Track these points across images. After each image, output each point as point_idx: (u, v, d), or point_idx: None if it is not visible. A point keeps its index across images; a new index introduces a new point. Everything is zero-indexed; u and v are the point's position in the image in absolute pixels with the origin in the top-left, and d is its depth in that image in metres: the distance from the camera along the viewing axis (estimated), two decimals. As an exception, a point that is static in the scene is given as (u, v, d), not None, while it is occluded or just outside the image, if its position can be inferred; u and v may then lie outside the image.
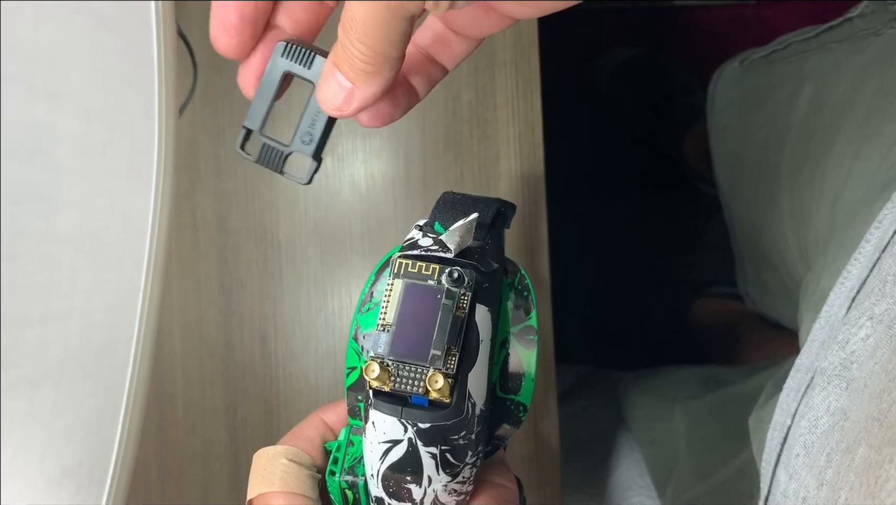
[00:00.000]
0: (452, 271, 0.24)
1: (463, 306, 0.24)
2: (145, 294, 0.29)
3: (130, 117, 0.27)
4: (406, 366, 0.23)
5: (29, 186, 0.23)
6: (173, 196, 0.30)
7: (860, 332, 0.32)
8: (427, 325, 0.23)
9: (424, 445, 0.24)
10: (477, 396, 0.24)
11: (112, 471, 0.28)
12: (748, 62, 0.64)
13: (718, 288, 1.02)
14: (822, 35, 0.55)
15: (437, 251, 0.25)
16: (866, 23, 0.51)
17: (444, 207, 0.28)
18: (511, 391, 0.28)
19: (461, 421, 0.24)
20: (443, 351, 0.23)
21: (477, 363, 0.24)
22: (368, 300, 0.28)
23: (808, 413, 0.33)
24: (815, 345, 0.37)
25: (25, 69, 0.22)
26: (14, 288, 0.22)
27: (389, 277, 0.24)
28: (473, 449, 0.25)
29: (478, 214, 0.26)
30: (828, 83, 0.51)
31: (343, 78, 0.22)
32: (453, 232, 0.25)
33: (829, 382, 0.32)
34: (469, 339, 0.24)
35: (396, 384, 0.23)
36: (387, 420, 0.24)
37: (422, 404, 0.24)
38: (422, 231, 0.27)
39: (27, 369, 0.23)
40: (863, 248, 0.36)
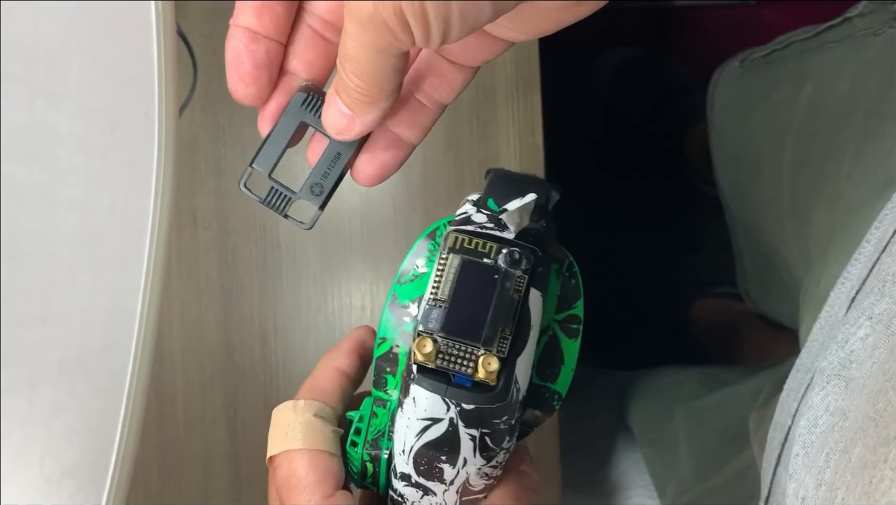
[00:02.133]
0: (513, 252, 0.23)
1: (519, 289, 0.23)
2: (145, 294, 0.29)
3: (130, 117, 0.27)
4: (458, 344, 0.23)
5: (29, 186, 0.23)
6: (173, 196, 0.30)
7: (859, 331, 0.32)
8: (482, 304, 0.23)
9: (466, 426, 0.23)
10: (522, 382, 0.24)
11: (112, 471, 0.28)
12: (748, 62, 0.64)
13: (718, 288, 1.02)
14: (821, 35, 0.55)
15: (494, 229, 0.24)
16: (866, 22, 0.51)
17: (497, 185, 0.27)
18: (548, 379, 0.27)
19: (505, 406, 0.23)
20: (496, 332, 0.23)
21: (526, 348, 0.24)
22: (410, 271, 0.28)
23: (808, 413, 0.33)
24: (815, 345, 0.37)
25: (25, 69, 0.22)
26: (14, 288, 0.22)
27: (444, 251, 0.24)
28: (511, 434, 0.25)
29: (536, 196, 0.25)
30: (828, 83, 0.51)
31: (343, 105, 0.23)
32: (513, 212, 0.24)
33: (828, 381, 0.32)
34: (521, 323, 0.24)
35: (443, 361, 0.23)
36: (430, 397, 0.23)
37: (465, 384, 0.23)
38: (476, 206, 0.26)
39: (27, 369, 0.23)
40: (863, 249, 0.36)
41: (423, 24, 0.19)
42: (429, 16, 0.19)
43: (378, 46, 0.20)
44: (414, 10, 0.19)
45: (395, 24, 0.19)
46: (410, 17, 0.19)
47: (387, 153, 0.26)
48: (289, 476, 0.26)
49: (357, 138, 0.24)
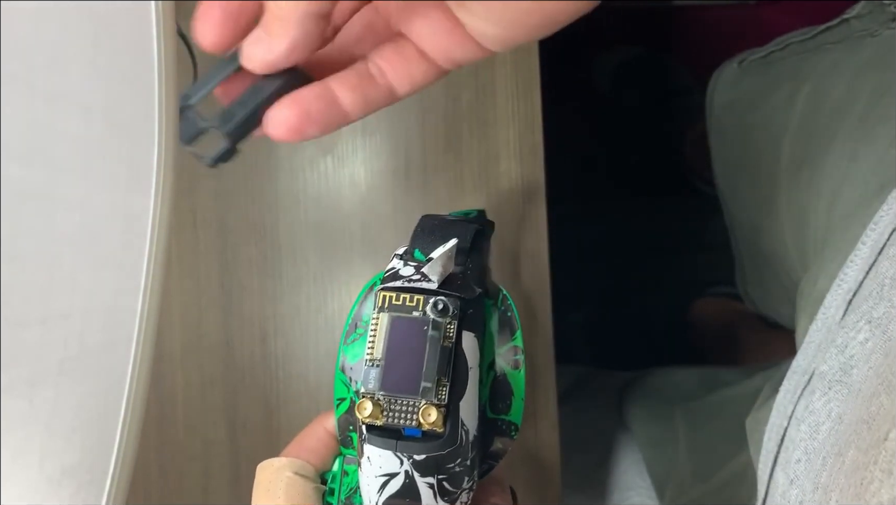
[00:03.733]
0: (437, 302, 0.24)
1: (450, 336, 0.24)
2: (145, 294, 0.29)
3: (130, 117, 0.27)
4: (398, 400, 0.23)
5: (29, 186, 0.23)
6: (173, 196, 0.30)
7: (859, 335, 0.32)
8: (416, 357, 0.24)
9: (421, 475, 0.24)
10: (469, 423, 0.25)
11: (112, 471, 0.28)
12: (746, 63, 0.64)
13: (718, 288, 1.02)
14: (819, 36, 0.55)
15: (420, 281, 0.25)
16: (863, 24, 0.51)
17: (422, 234, 0.28)
18: (502, 411, 0.28)
19: (456, 449, 0.24)
20: (433, 382, 0.23)
21: (468, 391, 0.24)
22: (353, 330, 0.28)
23: (809, 418, 0.33)
24: (811, 347, 0.37)
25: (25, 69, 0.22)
26: (14, 288, 0.22)
27: (374, 311, 0.24)
28: (469, 474, 0.25)
29: (457, 240, 0.26)
30: (825, 84, 0.51)
31: (261, 31, 0.22)
32: (435, 262, 0.25)
33: (829, 386, 0.32)
34: (458, 367, 0.24)
35: (389, 418, 0.23)
36: (382, 454, 0.24)
37: (415, 435, 0.24)
38: (402, 260, 0.26)
39: (27, 369, 0.23)
40: (859, 251, 0.36)
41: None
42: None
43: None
44: None
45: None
46: None
47: (314, 103, 0.24)
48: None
49: (266, 69, 0.23)
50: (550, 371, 0.49)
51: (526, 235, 0.49)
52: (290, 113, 0.24)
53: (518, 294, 0.49)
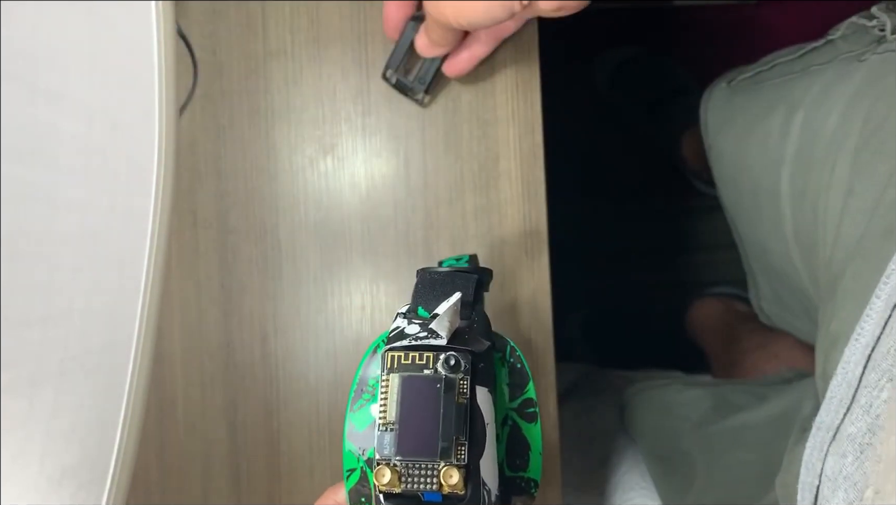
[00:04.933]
0: (448, 358, 0.23)
1: (464, 392, 0.23)
2: (145, 294, 0.29)
3: (130, 117, 0.27)
4: (416, 464, 0.22)
5: (29, 186, 0.23)
6: (173, 196, 0.30)
7: (882, 394, 0.32)
8: (431, 418, 0.23)
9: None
10: (491, 483, 0.24)
11: (112, 471, 0.28)
12: (735, 83, 0.64)
13: (718, 288, 1.02)
14: (805, 56, 0.55)
15: (427, 338, 0.24)
16: (849, 45, 0.51)
17: (423, 290, 0.27)
18: (519, 468, 0.27)
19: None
20: (451, 442, 0.22)
21: (486, 448, 0.24)
22: (359, 396, 0.27)
23: (845, 484, 0.33)
24: (833, 402, 0.37)
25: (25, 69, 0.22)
26: (14, 288, 0.22)
27: (384, 373, 0.24)
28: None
29: (461, 294, 0.25)
30: (818, 113, 0.51)
31: (426, 39, 0.43)
32: (442, 318, 0.24)
33: (861, 451, 0.32)
34: (475, 424, 0.23)
35: (408, 484, 0.22)
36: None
37: (436, 500, 0.23)
38: (406, 318, 0.26)
39: (27, 370, 0.23)
40: (874, 305, 0.36)
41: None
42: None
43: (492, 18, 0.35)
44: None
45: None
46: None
47: (462, 58, 0.46)
48: None
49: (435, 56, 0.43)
50: (550, 371, 0.49)
51: (526, 235, 0.49)
52: (454, 66, 0.46)
53: (518, 294, 0.49)
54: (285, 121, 0.50)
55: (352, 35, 0.49)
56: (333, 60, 0.49)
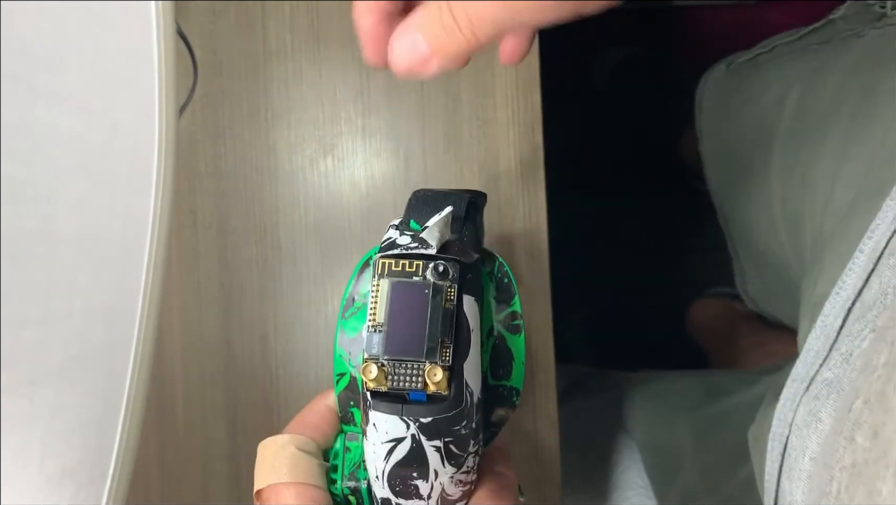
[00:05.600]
0: (437, 265, 0.24)
1: (451, 298, 0.24)
2: (145, 294, 0.29)
3: (130, 117, 0.27)
4: (402, 363, 0.23)
5: (29, 186, 0.23)
6: (173, 196, 0.30)
7: (863, 343, 0.32)
8: (418, 320, 0.24)
9: (428, 438, 0.24)
10: (474, 385, 0.25)
11: (112, 471, 0.28)
12: (734, 65, 0.64)
13: (718, 288, 1.02)
14: (805, 37, 0.56)
15: (418, 248, 0.25)
16: (848, 24, 0.51)
17: (416, 205, 0.28)
18: (502, 377, 0.28)
19: (461, 411, 0.24)
20: (437, 343, 0.23)
21: (470, 353, 0.25)
22: (351, 305, 0.28)
23: (816, 425, 0.33)
24: (810, 354, 0.37)
25: (25, 69, 0.22)
26: (14, 288, 0.22)
27: (374, 279, 0.24)
28: (475, 438, 0.25)
29: (452, 208, 0.26)
30: (814, 85, 0.51)
31: (423, 44, 0.26)
32: (432, 228, 0.25)
33: (837, 394, 0.32)
34: (460, 330, 0.24)
35: (394, 382, 0.23)
36: (388, 419, 0.24)
37: (421, 400, 0.24)
38: (398, 230, 0.27)
39: (27, 370, 0.23)
40: (857, 259, 0.36)
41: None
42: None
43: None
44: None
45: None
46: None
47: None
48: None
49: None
50: (550, 371, 0.49)
51: (526, 235, 0.49)
52: (508, 50, 0.33)
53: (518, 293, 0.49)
54: (285, 121, 0.50)
55: (352, 35, 0.49)
56: (333, 60, 0.49)
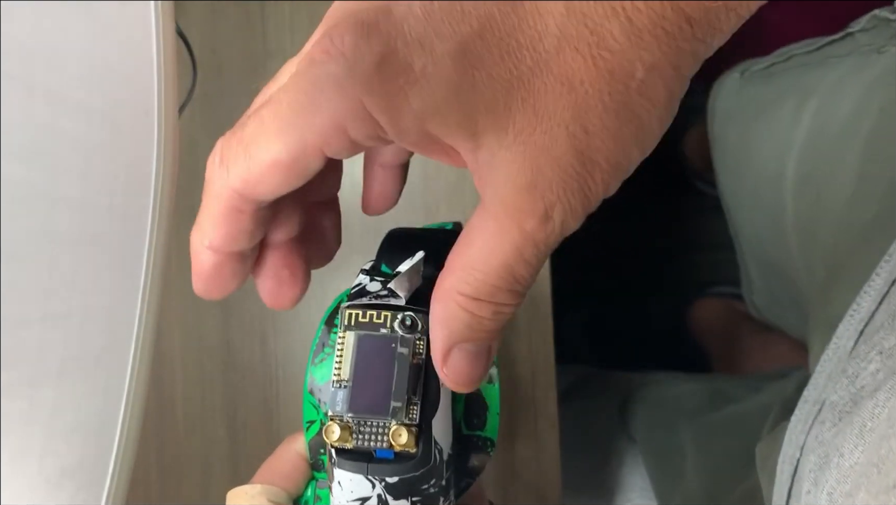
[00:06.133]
0: (405, 318, 0.23)
1: (419, 353, 0.23)
2: (145, 294, 0.29)
3: (130, 117, 0.27)
4: (367, 421, 0.23)
5: (29, 186, 0.23)
6: (173, 196, 0.30)
7: (870, 366, 0.32)
8: (385, 376, 0.23)
9: (395, 498, 0.23)
10: (443, 442, 0.24)
11: (112, 471, 0.28)
12: (748, 73, 0.64)
13: (719, 288, 1.02)
14: (824, 49, 0.55)
15: (387, 297, 0.24)
16: (869, 38, 0.51)
17: (388, 248, 0.27)
18: (476, 427, 0.27)
19: (430, 470, 0.23)
20: (403, 402, 0.22)
21: (440, 409, 0.24)
22: (321, 350, 0.27)
23: (818, 448, 0.33)
24: (822, 377, 0.36)
25: (25, 69, 0.22)
26: (14, 288, 0.22)
27: (341, 330, 0.24)
28: (445, 494, 0.24)
29: (423, 253, 0.25)
30: (833, 100, 0.50)
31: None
32: (402, 277, 0.24)
33: (840, 418, 0.32)
34: (429, 384, 0.23)
35: (359, 441, 0.22)
36: (353, 478, 0.23)
37: (388, 457, 0.23)
38: (369, 276, 0.26)
39: (27, 370, 0.23)
40: (873, 281, 0.35)
41: None
42: None
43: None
44: None
45: None
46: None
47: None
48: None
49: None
50: (550, 371, 0.49)
51: (526, 235, 0.49)
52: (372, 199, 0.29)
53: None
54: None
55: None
56: (333, 60, 0.49)
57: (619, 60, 0.17)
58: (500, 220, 0.18)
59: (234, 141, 0.20)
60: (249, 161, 0.19)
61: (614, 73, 0.17)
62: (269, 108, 0.19)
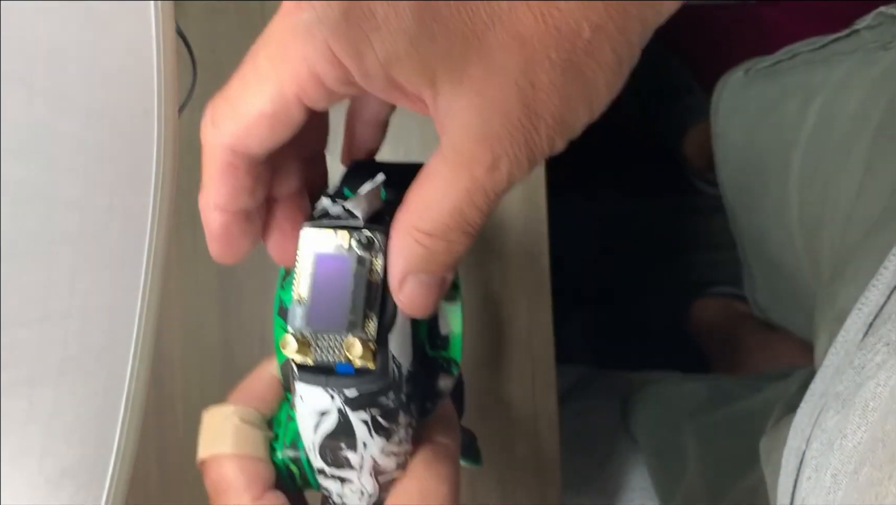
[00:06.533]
0: (362, 237, 0.23)
1: (377, 271, 0.23)
2: (145, 294, 0.29)
3: (130, 117, 0.27)
4: (324, 336, 0.23)
5: (29, 186, 0.23)
6: (173, 196, 0.30)
7: (876, 357, 0.32)
8: (341, 293, 0.23)
9: (353, 410, 0.24)
10: (402, 358, 0.24)
11: (111, 471, 0.28)
12: (753, 71, 0.64)
13: (719, 288, 1.02)
14: (829, 46, 0.55)
15: (348, 219, 0.24)
16: (874, 35, 0.51)
17: (352, 175, 0.27)
18: (440, 348, 0.27)
19: (388, 384, 0.24)
20: (359, 317, 0.23)
21: (397, 326, 0.24)
22: (287, 274, 0.28)
23: (821, 436, 0.33)
24: (829, 370, 0.36)
25: (25, 69, 0.22)
26: (14, 288, 0.22)
27: (299, 250, 0.24)
28: (405, 410, 0.25)
29: (384, 177, 0.25)
30: (837, 97, 0.51)
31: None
32: (360, 197, 0.24)
33: (843, 406, 0.32)
34: (387, 302, 0.24)
35: (318, 355, 0.23)
36: (313, 391, 0.24)
37: (349, 372, 0.24)
38: (330, 199, 0.26)
39: (27, 370, 0.23)
40: (881, 275, 0.35)
41: None
42: None
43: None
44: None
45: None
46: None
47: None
48: (218, 480, 0.27)
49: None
50: (551, 371, 0.49)
51: (526, 236, 0.49)
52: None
53: (518, 294, 0.49)
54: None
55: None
56: (333, 60, 0.49)
57: (566, 19, 0.18)
58: (453, 166, 0.20)
59: (221, 100, 0.21)
60: (237, 116, 0.21)
61: (561, 31, 0.18)
62: (249, 63, 0.20)
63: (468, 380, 0.50)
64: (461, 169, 0.19)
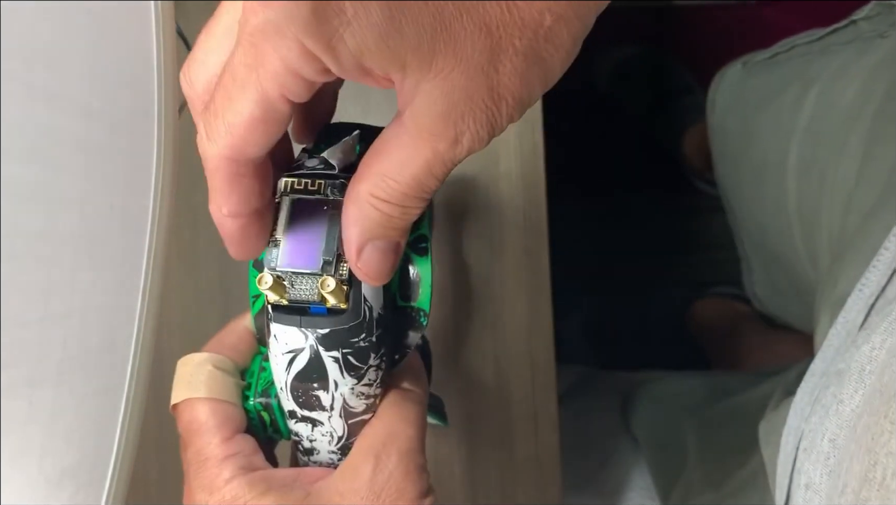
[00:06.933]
0: (338, 183, 0.24)
1: None
2: (145, 294, 0.29)
3: (130, 117, 0.27)
4: (299, 276, 0.24)
5: (29, 186, 0.23)
6: (173, 196, 0.30)
7: (876, 337, 0.32)
8: (317, 235, 0.24)
9: (326, 349, 0.25)
10: (373, 300, 0.25)
11: (111, 471, 0.28)
12: (751, 64, 0.64)
13: (719, 288, 1.02)
14: (826, 38, 0.55)
15: (324, 170, 0.25)
16: (871, 25, 0.51)
17: (328, 133, 0.28)
18: (410, 299, 0.28)
19: (360, 324, 0.24)
20: (333, 257, 0.24)
21: None
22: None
23: (820, 410, 0.33)
24: (830, 350, 0.37)
25: (25, 69, 0.22)
26: (14, 288, 0.22)
27: (277, 196, 0.25)
28: (376, 351, 0.26)
29: (359, 131, 0.26)
30: (835, 85, 0.51)
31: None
32: (335, 148, 0.25)
33: (842, 381, 0.33)
34: None
35: (293, 294, 0.24)
36: (287, 330, 0.24)
37: (321, 313, 0.24)
38: (308, 154, 0.27)
39: (27, 370, 0.23)
40: (881, 256, 0.36)
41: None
42: None
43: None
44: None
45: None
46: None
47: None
48: (190, 421, 0.28)
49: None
50: (551, 371, 0.49)
51: (526, 235, 0.49)
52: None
53: (518, 293, 0.49)
54: (285, 121, 0.50)
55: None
56: (333, 60, 0.49)
57: (530, 9, 0.19)
58: (415, 139, 0.21)
59: (210, 116, 0.22)
60: (229, 128, 0.21)
61: (525, 21, 0.19)
62: (226, 74, 0.21)
63: (468, 379, 0.50)
64: (423, 143, 0.20)
